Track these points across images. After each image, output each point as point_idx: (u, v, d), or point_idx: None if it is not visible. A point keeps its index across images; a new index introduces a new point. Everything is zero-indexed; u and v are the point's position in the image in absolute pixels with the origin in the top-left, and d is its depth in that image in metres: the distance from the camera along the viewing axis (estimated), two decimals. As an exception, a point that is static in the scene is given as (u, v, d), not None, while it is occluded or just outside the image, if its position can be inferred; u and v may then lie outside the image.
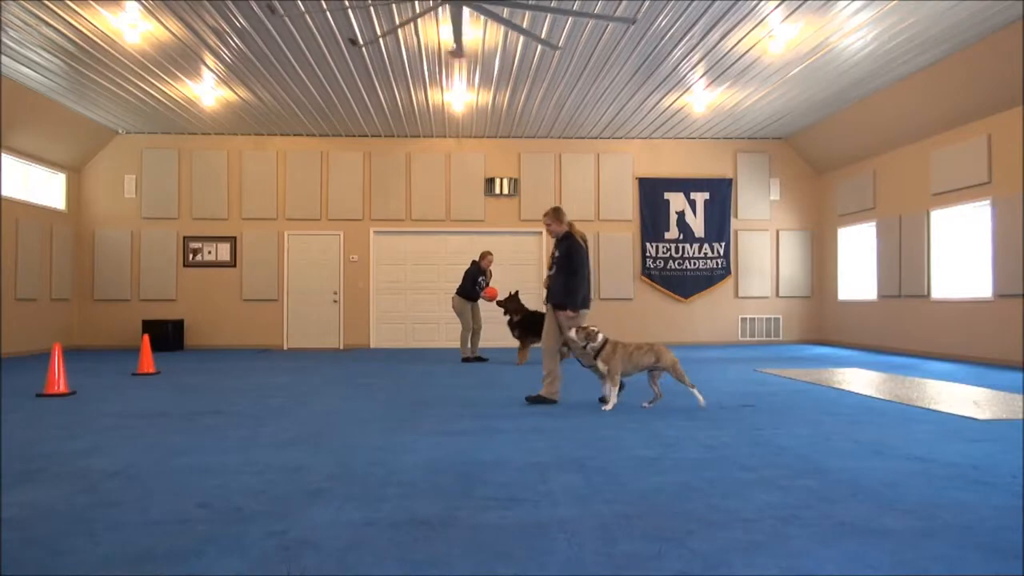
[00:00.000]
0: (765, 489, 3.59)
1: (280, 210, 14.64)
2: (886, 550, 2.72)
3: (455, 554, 2.69)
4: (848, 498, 3.43)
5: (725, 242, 15.15)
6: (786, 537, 2.86)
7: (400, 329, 14.75)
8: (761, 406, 6.43)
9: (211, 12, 8.53)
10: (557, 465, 4.13)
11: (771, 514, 3.16)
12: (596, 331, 6.24)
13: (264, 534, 2.90)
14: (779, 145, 15.25)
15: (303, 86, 11.40)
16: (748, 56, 10.13)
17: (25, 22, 8.74)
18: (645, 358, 6.22)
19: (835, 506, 3.29)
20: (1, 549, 2.69)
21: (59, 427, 5.47)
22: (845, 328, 14.36)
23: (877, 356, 12.00)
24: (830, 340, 14.85)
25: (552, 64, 10.51)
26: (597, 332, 6.24)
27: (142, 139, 14.38)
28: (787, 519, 3.09)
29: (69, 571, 2.53)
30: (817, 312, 15.31)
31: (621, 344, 6.26)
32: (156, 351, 12.17)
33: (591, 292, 6.81)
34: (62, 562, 2.61)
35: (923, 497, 3.43)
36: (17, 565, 2.58)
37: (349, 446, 4.71)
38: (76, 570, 2.54)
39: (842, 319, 14.50)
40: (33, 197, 13.00)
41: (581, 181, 15.03)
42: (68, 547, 2.75)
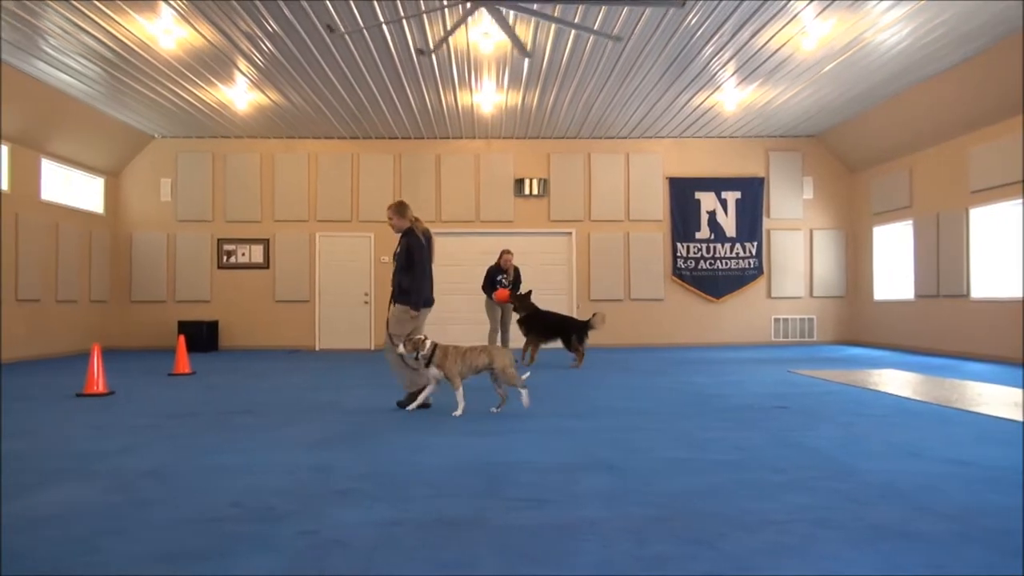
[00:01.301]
0: (796, 491, 3.54)
1: (311, 212, 14.79)
2: (921, 555, 2.67)
3: (483, 555, 2.69)
4: (881, 501, 3.36)
5: (757, 242, 14.98)
6: (818, 540, 2.82)
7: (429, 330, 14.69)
8: (794, 407, 6.34)
9: (243, 17, 8.65)
10: (585, 466, 4.11)
11: (802, 516, 3.11)
12: (423, 339, 6.07)
13: (295, 533, 2.93)
14: (812, 143, 15.04)
15: (333, 89, 11.50)
16: (780, 53, 10.00)
17: (64, 30, 8.95)
18: (479, 359, 6.07)
19: (868, 509, 3.24)
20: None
21: (96, 426, 5.59)
22: (881, 328, 14.11)
23: (914, 357, 11.77)
24: (865, 341, 14.60)
25: (581, 64, 10.48)
26: (424, 340, 6.07)
27: (177, 143, 14.63)
28: (819, 521, 3.04)
29: (104, 568, 2.58)
30: (852, 312, 15.07)
31: (452, 347, 6.12)
32: (191, 352, 12.35)
33: (431, 290, 6.63)
34: (97, 559, 2.66)
35: (960, 501, 3.36)
36: (53, 562, 2.64)
37: (377, 446, 4.74)
38: (111, 567, 2.58)
39: (878, 319, 14.25)
40: (73, 201, 13.29)
41: (611, 181, 14.96)
42: (103, 545, 2.81)
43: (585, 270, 14.90)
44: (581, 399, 7.03)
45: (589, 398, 7.09)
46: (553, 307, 11.76)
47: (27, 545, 2.80)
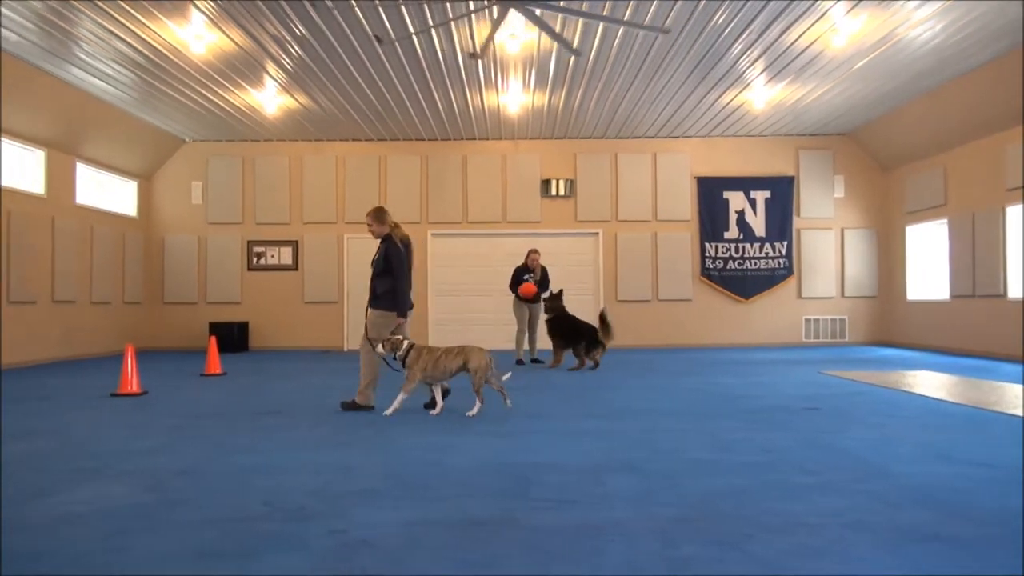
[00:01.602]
0: (827, 493, 3.49)
1: (339, 214, 14.91)
2: (954, 559, 2.62)
3: (511, 555, 2.69)
4: (914, 504, 3.31)
5: (787, 241, 14.81)
6: (849, 543, 2.78)
7: (457, 330, 14.84)
8: (824, 409, 6.26)
9: (272, 21, 8.75)
10: (612, 467, 4.10)
11: (834, 519, 3.07)
12: (401, 340, 6.06)
13: (324, 532, 2.95)
14: (843, 141, 14.84)
15: (361, 91, 11.59)
16: (810, 51, 9.88)
17: (98, 36, 9.12)
18: (454, 362, 5.99)
19: (900, 512, 3.18)
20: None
21: (130, 426, 5.68)
22: (914, 329, 13.87)
23: (948, 358, 11.55)
24: (898, 341, 14.36)
25: (608, 64, 10.45)
26: (402, 341, 6.06)
27: (208, 147, 14.84)
28: (850, 524, 3.00)
29: (137, 567, 2.62)
30: (885, 313, 14.83)
31: (427, 349, 6.09)
32: (222, 352, 12.51)
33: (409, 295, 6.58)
34: (130, 557, 2.70)
35: (994, 504, 3.29)
36: (85, 559, 2.69)
37: (404, 446, 4.76)
38: (143, 566, 2.62)
39: (911, 320, 14.01)
40: (107, 205, 13.54)
41: (638, 181, 14.89)
42: (135, 543, 2.85)
43: (612, 271, 14.84)
44: (607, 400, 7.00)
45: (615, 399, 7.06)
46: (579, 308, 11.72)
47: (60, 542, 2.86)
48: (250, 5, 8.28)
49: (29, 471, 4.11)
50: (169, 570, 2.57)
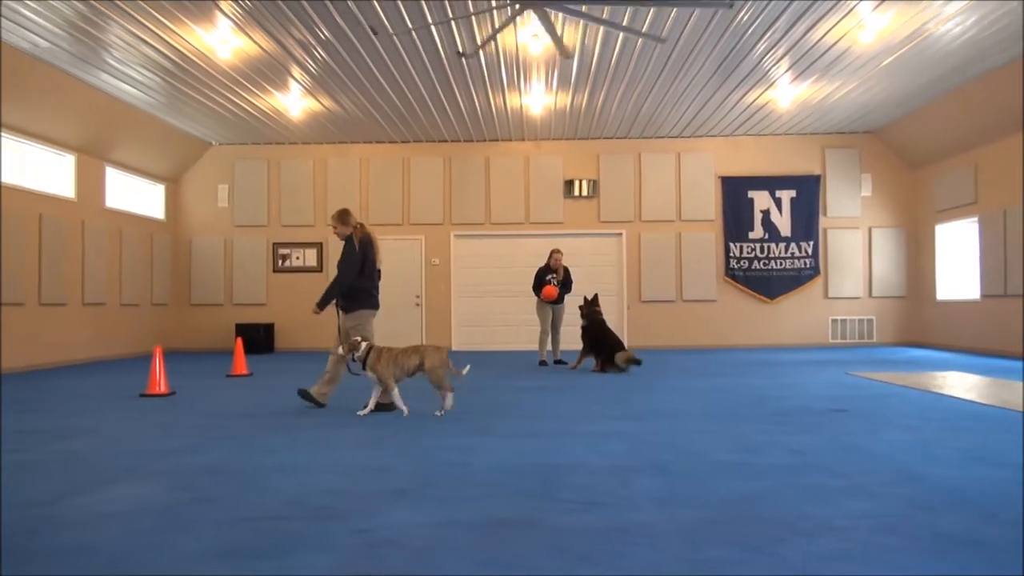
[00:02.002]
0: (857, 497, 3.44)
1: (363, 215, 14.98)
2: (989, 563, 2.57)
3: (537, 556, 2.69)
4: (947, 507, 3.25)
5: (813, 241, 14.66)
6: (881, 547, 2.74)
7: (481, 331, 14.87)
8: (853, 411, 6.18)
9: (297, 26, 8.83)
10: (637, 469, 4.08)
11: (864, 523, 3.03)
12: (359, 341, 6.13)
13: (350, 532, 2.97)
14: (870, 139, 14.65)
15: (384, 93, 11.65)
16: (836, 48, 9.77)
17: (127, 42, 9.25)
18: (410, 360, 6.04)
19: (933, 516, 3.13)
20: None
21: (159, 426, 5.76)
22: (944, 329, 13.66)
23: (980, 359, 11.35)
24: (928, 342, 14.15)
25: (631, 64, 10.41)
26: (360, 342, 6.12)
27: (234, 150, 15.00)
28: (882, 528, 2.96)
29: (169, 564, 2.65)
30: (913, 313, 14.62)
31: (386, 349, 6.13)
32: (248, 353, 12.63)
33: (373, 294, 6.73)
34: (162, 555, 2.73)
35: (1032, 509, 3.22)
36: (119, 557, 2.72)
37: (430, 447, 4.77)
38: (176, 563, 2.66)
39: (941, 320, 13.80)
40: (136, 207, 13.74)
41: (661, 181, 14.82)
42: (167, 541, 2.89)
43: (636, 271, 14.78)
44: (633, 401, 6.97)
45: (640, 400, 7.03)
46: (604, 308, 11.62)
47: (93, 540, 2.90)
48: (275, 9, 8.36)
49: (66, 470, 4.18)
50: (201, 568, 2.60)
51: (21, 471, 4.16)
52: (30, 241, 10.77)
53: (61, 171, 11.75)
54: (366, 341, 6.17)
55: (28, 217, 10.74)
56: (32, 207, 10.85)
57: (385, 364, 6.04)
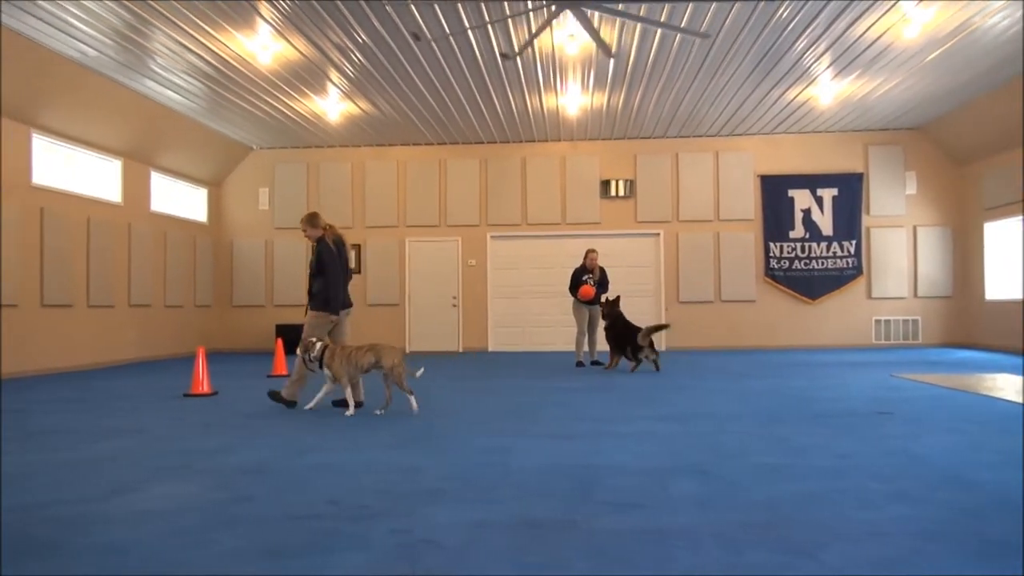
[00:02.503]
0: (903, 501, 3.36)
1: (401, 217, 15.11)
2: (1044, 572, 2.49)
3: (573, 558, 2.67)
4: (996, 514, 3.16)
5: (856, 240, 14.38)
6: (927, 554, 2.67)
7: (517, 332, 14.88)
8: (898, 413, 6.04)
9: (335, 30, 8.93)
10: (676, 471, 4.04)
11: (909, 528, 2.96)
12: (313, 342, 6.25)
13: (387, 531, 2.99)
14: (914, 135, 14.32)
15: (421, 96, 11.73)
16: (879, 43, 9.57)
17: (171, 50, 9.46)
18: (365, 359, 6.15)
19: (981, 522, 3.05)
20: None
21: (202, 425, 5.87)
22: (993, 330, 13.28)
23: (1031, 360, 11.02)
24: (976, 343, 13.78)
25: (668, 62, 10.33)
26: (315, 343, 6.24)
27: (274, 154, 15.23)
28: (927, 534, 2.88)
29: (211, 562, 2.69)
30: (961, 313, 14.25)
31: (340, 347, 6.26)
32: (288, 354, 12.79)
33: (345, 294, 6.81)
34: (204, 553, 2.78)
35: (1088, 515, 3.11)
36: (163, 554, 2.78)
37: (466, 447, 4.78)
38: (217, 561, 2.70)
39: (990, 320, 13.42)
40: (180, 211, 14.03)
41: (699, 180, 14.67)
42: (209, 539, 2.94)
43: (673, 271, 14.65)
44: (670, 402, 6.91)
45: (679, 401, 6.96)
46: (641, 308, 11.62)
47: (138, 537, 2.97)
48: (314, 15, 8.47)
49: (111, 468, 4.29)
50: (242, 566, 2.64)
51: (71, 469, 4.27)
52: (78, 244, 11.07)
53: (108, 176, 12.06)
54: (320, 341, 6.32)
55: (77, 221, 11.04)
56: (81, 211, 11.15)
57: (339, 362, 6.19)
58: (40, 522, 3.17)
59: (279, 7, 8.28)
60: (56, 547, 2.85)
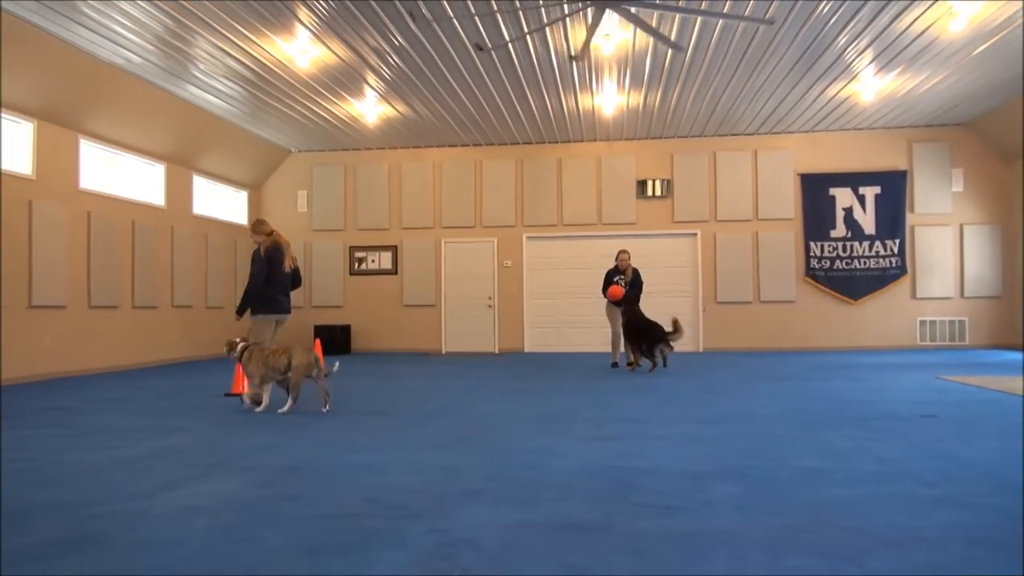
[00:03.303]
0: (950, 507, 3.28)
1: (437, 219, 15.20)
2: (1101, 582, 2.41)
3: (613, 560, 2.66)
4: (1052, 521, 3.07)
5: (899, 239, 14.08)
6: (975, 561, 2.61)
7: (553, 333, 14.86)
8: (944, 416, 5.90)
9: (372, 33, 9.02)
10: (716, 473, 3.99)
11: (957, 535, 2.89)
12: (237, 342, 6.56)
13: (426, 531, 3.00)
14: (961, 131, 13.98)
15: (457, 98, 11.78)
16: (924, 37, 9.37)
17: (212, 55, 9.64)
18: (279, 360, 6.33)
19: (1036, 529, 2.96)
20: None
21: (243, 424, 5.96)
22: (1044, 331, 12.90)
23: (1084, 362, 10.68)
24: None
25: (706, 60, 10.23)
26: (238, 343, 6.55)
27: (312, 156, 15.43)
28: (976, 541, 2.81)
29: (254, 558, 2.74)
30: (1010, 313, 13.86)
31: (258, 349, 6.46)
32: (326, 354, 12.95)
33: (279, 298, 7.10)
34: (247, 549, 2.83)
35: None
36: (208, 550, 2.83)
37: (504, 448, 4.79)
38: (260, 557, 2.74)
39: (1040, 321, 13.03)
40: (221, 214, 14.29)
41: (737, 179, 14.50)
42: (253, 536, 2.99)
43: (711, 272, 14.50)
44: (709, 404, 6.83)
45: (718, 403, 6.88)
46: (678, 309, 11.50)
47: (184, 533, 3.03)
48: (351, 18, 8.56)
49: (158, 465, 4.38)
50: (285, 562, 2.67)
51: (121, 466, 4.38)
52: (124, 247, 11.34)
53: (152, 180, 12.33)
54: (244, 341, 6.60)
55: (122, 224, 11.31)
56: (126, 214, 11.42)
57: (255, 363, 6.42)
58: (90, 518, 3.26)
59: (317, 12, 8.38)
60: (106, 542, 2.92)
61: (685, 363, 10.75)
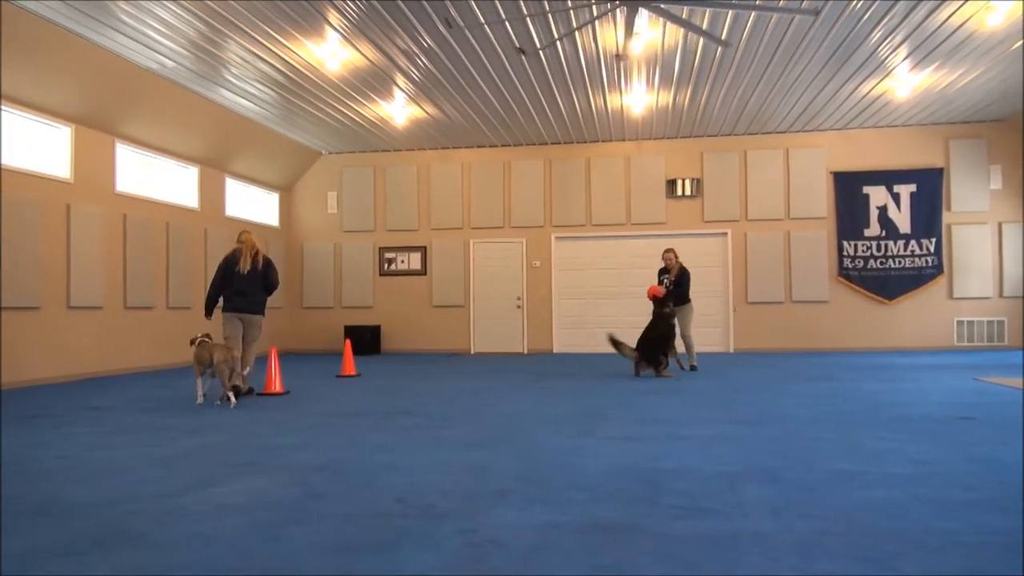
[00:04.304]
0: (989, 511, 3.21)
1: (465, 219, 15.23)
2: None
3: (642, 562, 2.65)
4: (1095, 526, 2.99)
5: (935, 238, 13.81)
6: (1015, 566, 2.55)
7: (582, 333, 14.82)
8: (982, 418, 5.78)
9: (401, 35, 9.07)
10: (747, 475, 3.95)
11: (997, 540, 2.83)
12: (197, 336, 7.31)
13: (455, 531, 3.01)
14: (999, 128, 13.68)
15: (485, 98, 11.80)
16: (961, 32, 9.18)
17: (244, 59, 9.77)
18: (206, 353, 7.07)
19: (1079, 535, 2.88)
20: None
21: (275, 423, 6.03)
22: (1087, 332, 12.56)
23: None
24: (1068, 345, 13.07)
25: (736, 58, 10.13)
26: (197, 337, 7.29)
27: (342, 158, 15.56)
28: (1016, 546, 2.75)
29: (286, 556, 2.77)
30: (1050, 314, 13.53)
31: (200, 344, 7.20)
32: (356, 355, 13.07)
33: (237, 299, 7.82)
34: (279, 547, 2.86)
35: None
36: (241, 546, 2.87)
37: (533, 449, 4.78)
38: (291, 555, 2.78)
39: (1083, 321, 12.70)
40: (253, 216, 14.46)
41: (768, 178, 14.34)
42: (285, 534, 3.02)
43: (742, 271, 14.36)
44: (740, 405, 6.77)
45: (751, 404, 6.81)
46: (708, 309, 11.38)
47: (218, 529, 3.07)
48: (380, 21, 8.62)
49: (192, 463, 4.45)
50: (316, 560, 2.70)
51: (157, 464, 4.45)
52: (158, 249, 11.53)
53: (186, 182, 12.53)
54: (202, 336, 7.33)
55: (157, 226, 11.50)
56: (160, 216, 11.61)
57: (194, 356, 7.17)
58: (128, 515, 3.32)
59: (347, 14, 8.45)
60: (142, 539, 2.98)
61: (716, 364, 10.65)
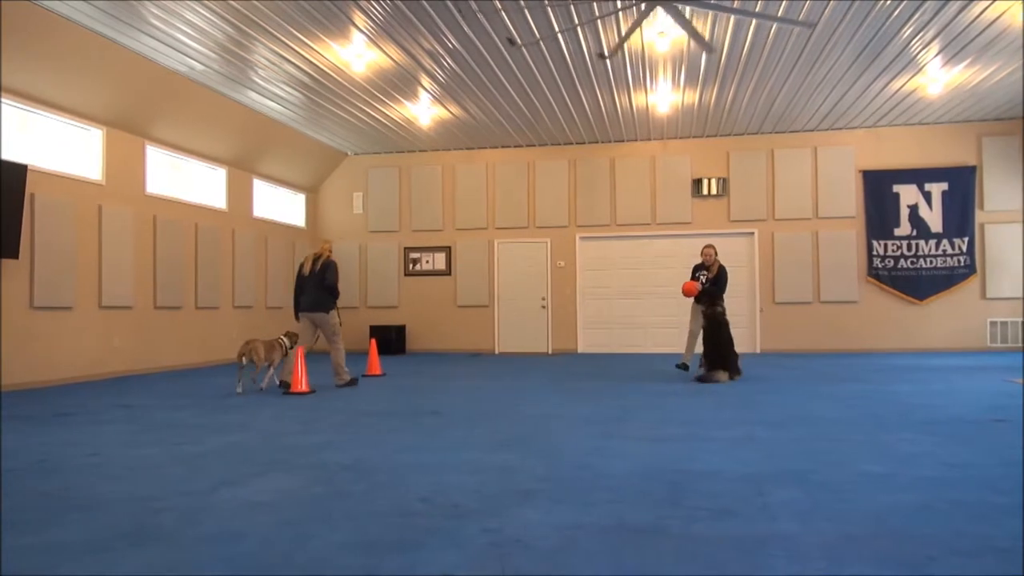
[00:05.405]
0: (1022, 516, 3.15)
1: (490, 219, 15.25)
2: None
3: (666, 563, 2.63)
4: None
5: (968, 237, 13.57)
6: (1052, 573, 2.49)
7: (606, 334, 14.77)
8: (1015, 421, 5.66)
9: (426, 36, 9.10)
10: (774, 477, 3.91)
11: (1032, 545, 2.77)
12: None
13: (479, 531, 3.02)
14: (1034, 125, 13.40)
15: (510, 99, 11.80)
16: (994, 27, 9.01)
17: (271, 62, 9.86)
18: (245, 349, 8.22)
19: (1117, 541, 2.82)
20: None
21: (301, 422, 6.09)
22: (1125, 333, 12.27)
23: None
24: (1105, 347, 12.77)
25: (763, 55, 10.03)
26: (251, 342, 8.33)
27: (368, 159, 15.66)
28: (1053, 552, 2.69)
29: (314, 553, 2.79)
30: (1087, 314, 13.23)
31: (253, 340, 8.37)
32: (381, 354, 13.13)
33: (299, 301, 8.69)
34: (306, 544, 2.89)
35: None
36: (269, 543, 2.90)
37: (558, 449, 4.78)
38: (320, 553, 2.80)
39: (1121, 322, 12.40)
40: (279, 216, 14.61)
41: (796, 177, 14.18)
42: (312, 532, 3.05)
43: (769, 271, 14.21)
44: (767, 406, 6.70)
45: (776, 405, 6.74)
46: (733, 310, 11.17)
47: (245, 526, 3.10)
48: (405, 22, 8.66)
49: (221, 462, 4.50)
50: (342, 558, 2.72)
51: (185, 463, 4.51)
52: (187, 249, 11.69)
53: (214, 184, 12.69)
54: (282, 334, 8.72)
55: (186, 227, 11.66)
56: (189, 217, 11.77)
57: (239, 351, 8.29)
58: (155, 512, 3.37)
59: (372, 16, 8.50)
60: (171, 536, 3.02)
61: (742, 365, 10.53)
